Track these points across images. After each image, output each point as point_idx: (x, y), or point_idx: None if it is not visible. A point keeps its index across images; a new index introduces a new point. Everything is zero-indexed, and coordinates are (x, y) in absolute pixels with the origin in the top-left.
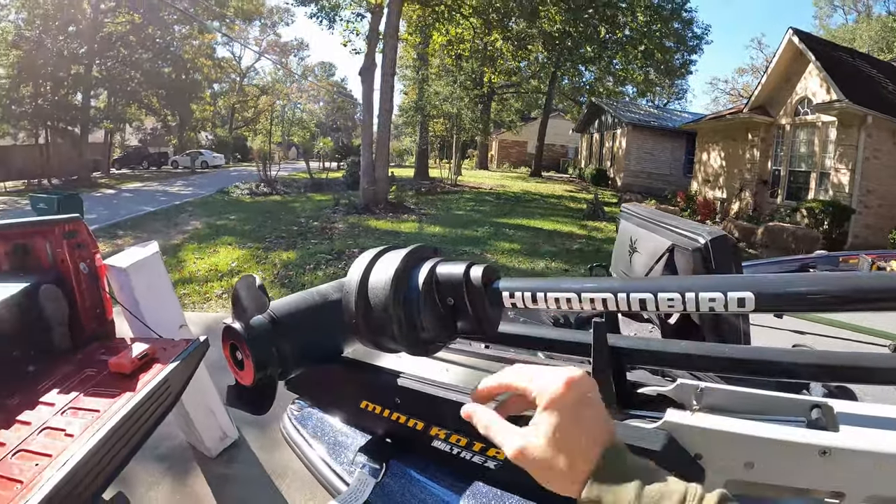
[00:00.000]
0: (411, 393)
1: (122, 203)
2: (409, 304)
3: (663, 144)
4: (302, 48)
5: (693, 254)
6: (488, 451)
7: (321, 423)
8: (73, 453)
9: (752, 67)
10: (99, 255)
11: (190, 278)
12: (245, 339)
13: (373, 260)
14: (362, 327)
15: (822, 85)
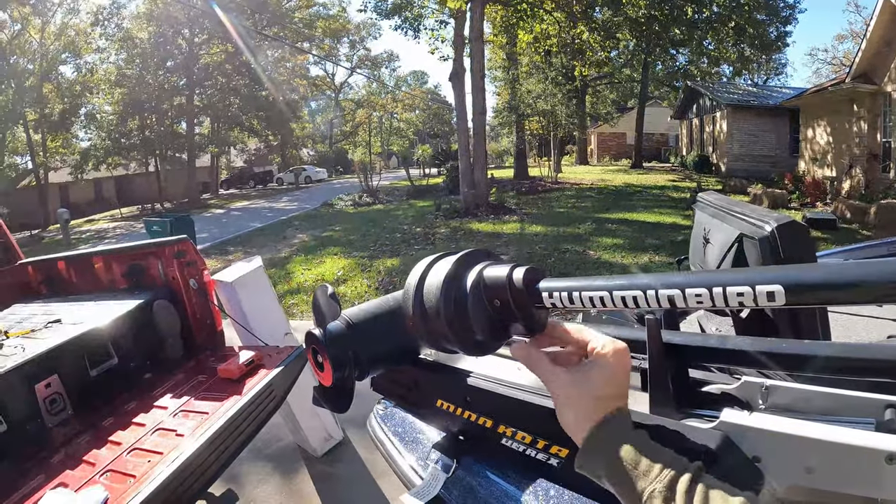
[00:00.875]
0: (480, 392)
1: (232, 221)
2: (459, 306)
3: (766, 124)
4: (392, 59)
5: (760, 242)
6: (551, 448)
7: (402, 422)
8: (183, 451)
9: (851, 33)
10: (207, 272)
11: (298, 289)
12: (323, 344)
13: (429, 265)
14: (420, 330)
15: None
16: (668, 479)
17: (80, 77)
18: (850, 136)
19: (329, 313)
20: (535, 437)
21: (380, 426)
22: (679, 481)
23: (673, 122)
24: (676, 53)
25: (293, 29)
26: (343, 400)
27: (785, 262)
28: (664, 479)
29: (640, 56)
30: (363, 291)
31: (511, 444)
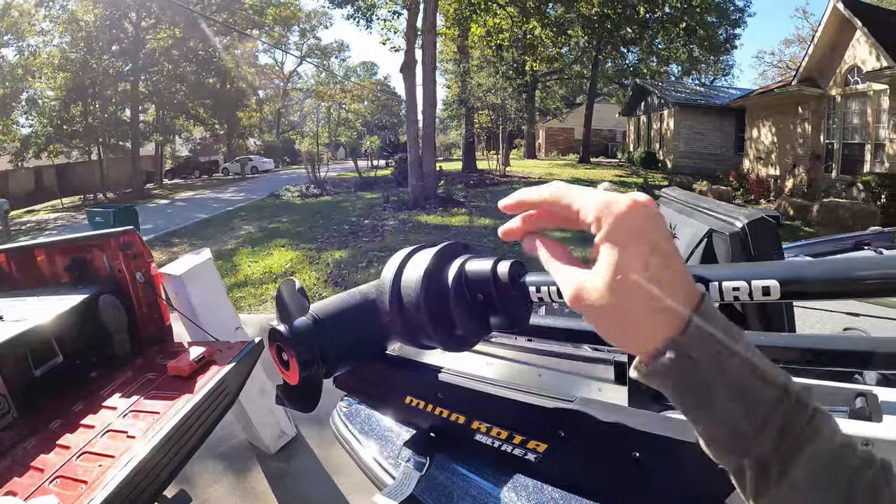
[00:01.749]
0: (452, 387)
1: (177, 212)
2: (440, 301)
3: (712, 123)
4: (342, 49)
5: (731, 238)
6: (528, 443)
7: (369, 419)
8: (135, 454)
9: (798, 38)
10: (154, 265)
11: (245, 281)
12: (289, 340)
13: (405, 259)
14: (398, 325)
15: (872, 52)
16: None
17: (21, 60)
18: (795, 137)
19: (296, 309)
20: (510, 432)
21: (344, 424)
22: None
23: (620, 119)
24: (627, 52)
25: (243, 15)
26: (309, 399)
27: (755, 257)
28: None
29: (591, 53)
30: (312, 284)
31: (486, 440)
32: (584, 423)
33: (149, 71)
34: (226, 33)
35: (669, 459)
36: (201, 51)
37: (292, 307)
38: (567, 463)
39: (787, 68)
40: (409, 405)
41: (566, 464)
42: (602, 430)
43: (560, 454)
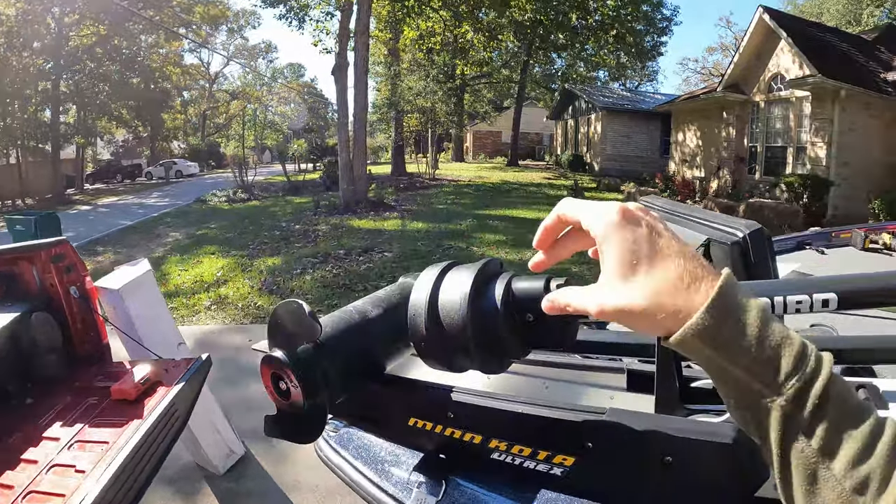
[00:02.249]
0: (466, 407)
1: (99, 219)
2: (487, 322)
3: (638, 127)
4: (270, 50)
5: (731, 248)
6: (554, 458)
7: (363, 444)
8: (88, 491)
9: (721, 46)
10: (89, 278)
11: (176, 291)
12: (292, 368)
13: (438, 278)
14: (435, 349)
15: (795, 61)
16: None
17: None
18: (719, 141)
19: (302, 333)
20: (534, 448)
21: (335, 451)
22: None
23: (548, 123)
24: (556, 57)
25: (170, 13)
26: (311, 428)
27: (754, 265)
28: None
29: (521, 58)
30: (246, 293)
31: (505, 458)
32: (615, 434)
33: (71, 70)
34: (152, 31)
35: (700, 460)
36: (126, 49)
37: (294, 331)
38: (597, 474)
39: (710, 75)
40: (414, 427)
41: (596, 475)
42: (633, 439)
43: (589, 466)
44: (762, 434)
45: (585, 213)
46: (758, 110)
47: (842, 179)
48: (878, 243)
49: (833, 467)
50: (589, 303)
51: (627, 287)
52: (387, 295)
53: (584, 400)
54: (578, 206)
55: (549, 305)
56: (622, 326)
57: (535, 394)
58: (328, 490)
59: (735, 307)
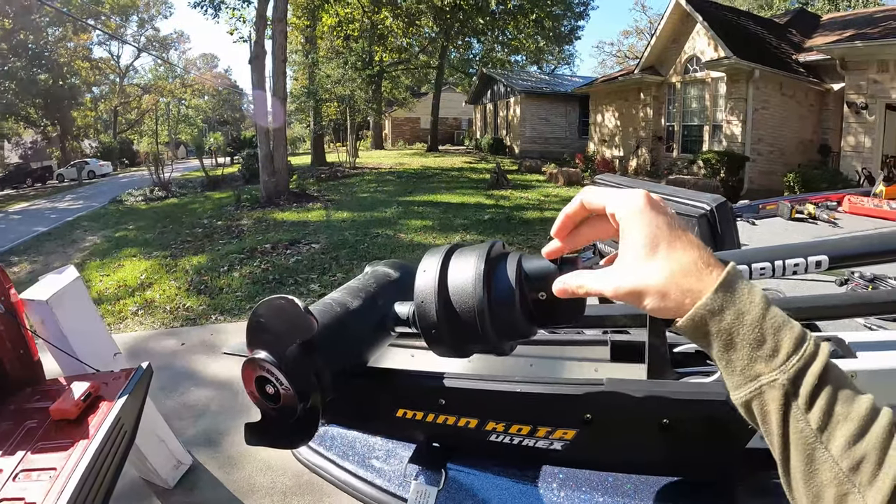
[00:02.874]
0: (460, 392)
1: (11, 226)
2: (502, 303)
3: (557, 109)
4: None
5: (699, 220)
6: (554, 433)
7: (345, 441)
8: None
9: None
10: (14, 291)
11: (99, 298)
12: (282, 369)
13: (444, 263)
14: (445, 335)
15: (710, 43)
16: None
17: None
18: (637, 121)
19: (298, 330)
20: (533, 426)
21: (317, 453)
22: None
23: (466, 107)
24: (475, 42)
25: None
26: (301, 432)
27: (721, 235)
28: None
29: (440, 43)
30: (174, 294)
31: (503, 440)
32: (615, 403)
33: None
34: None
35: (696, 419)
36: (32, 44)
37: (281, 328)
38: (598, 444)
39: (625, 57)
40: (402, 418)
41: (597, 445)
42: (633, 406)
43: (590, 437)
44: (763, 416)
45: (611, 199)
46: (674, 91)
47: (757, 155)
48: (804, 213)
49: (830, 448)
50: (604, 284)
51: (646, 267)
52: (363, 285)
53: (572, 374)
54: (603, 192)
55: (561, 289)
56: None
57: (523, 373)
58: (284, 491)
59: (741, 290)
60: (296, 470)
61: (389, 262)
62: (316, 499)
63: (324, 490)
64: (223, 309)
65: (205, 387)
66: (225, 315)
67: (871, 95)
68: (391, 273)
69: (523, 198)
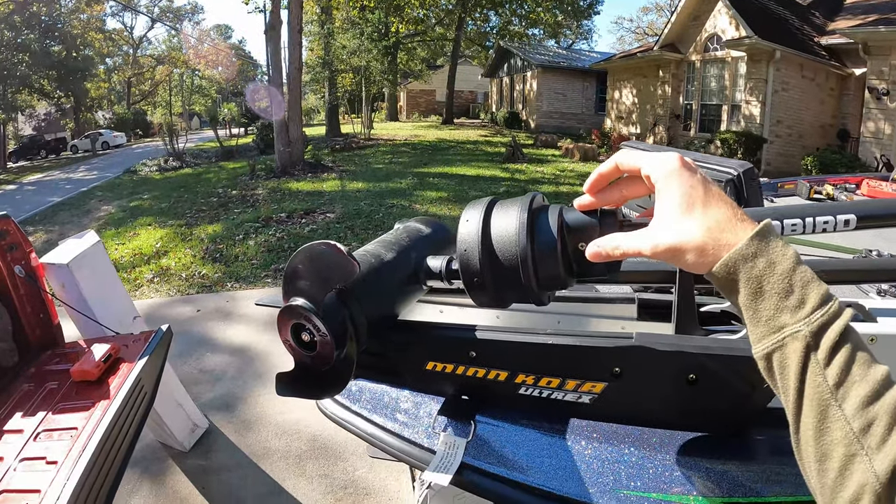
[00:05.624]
0: (492, 344)
1: (26, 197)
2: (544, 252)
3: (574, 84)
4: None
5: (726, 185)
6: (583, 386)
7: (373, 396)
8: (66, 483)
9: (656, 6)
10: (35, 255)
11: (115, 266)
12: (320, 316)
13: (486, 214)
14: (489, 283)
15: (732, 22)
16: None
17: None
18: (655, 98)
19: (339, 275)
20: (562, 379)
21: (344, 407)
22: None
23: (482, 80)
24: (493, 14)
25: None
26: (337, 380)
27: (747, 199)
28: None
29: (457, 15)
30: (189, 263)
31: (532, 392)
32: (644, 357)
33: None
34: None
35: (722, 375)
36: (45, 16)
37: (320, 275)
38: (626, 397)
39: (644, 34)
40: (432, 371)
41: (625, 398)
42: (661, 360)
43: (618, 391)
44: (783, 369)
45: (646, 160)
46: (693, 69)
47: (775, 137)
48: (822, 193)
49: (844, 406)
50: (642, 243)
51: (684, 224)
52: (396, 238)
53: (601, 330)
54: (638, 154)
55: (595, 252)
56: None
57: (553, 328)
58: (299, 455)
59: (774, 242)
60: (311, 434)
61: (421, 219)
62: (330, 462)
63: (338, 454)
64: (238, 276)
65: (221, 352)
66: (241, 282)
67: (892, 81)
68: (423, 228)
69: (538, 172)
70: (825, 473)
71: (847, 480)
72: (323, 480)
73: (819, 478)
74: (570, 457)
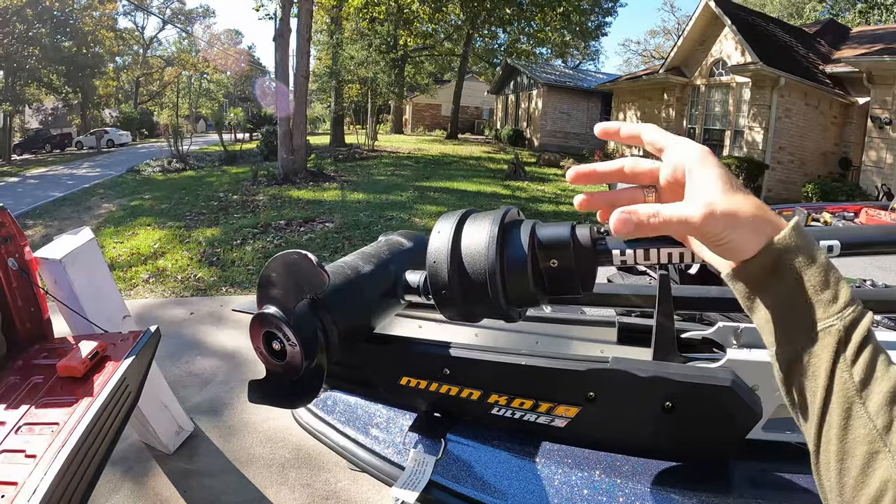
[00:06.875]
0: (466, 362)
1: (28, 191)
2: (514, 268)
3: (579, 104)
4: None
5: None
6: (556, 409)
7: (348, 408)
8: (43, 477)
9: (663, 29)
10: (29, 249)
11: (112, 264)
12: (290, 325)
13: (458, 226)
14: (457, 298)
15: (738, 48)
16: (850, 318)
17: None
18: (659, 121)
19: (309, 285)
20: (535, 401)
21: (318, 417)
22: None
23: (488, 97)
24: (502, 32)
25: None
26: (305, 391)
27: None
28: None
29: (465, 31)
30: (185, 265)
31: (505, 413)
32: (619, 381)
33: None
34: None
35: (700, 404)
36: (57, 11)
37: (292, 284)
38: (599, 423)
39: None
40: (405, 386)
41: (598, 424)
42: (637, 386)
43: (592, 415)
44: (812, 366)
45: (675, 140)
46: (698, 93)
47: (777, 163)
48: (820, 221)
49: (868, 404)
50: (690, 210)
51: (735, 197)
52: (376, 251)
53: (577, 353)
54: (663, 133)
55: (622, 219)
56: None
57: (530, 349)
58: (283, 463)
59: (809, 237)
60: (295, 443)
61: (403, 232)
62: (314, 472)
63: (321, 464)
64: (234, 281)
65: (211, 356)
66: (235, 287)
67: (895, 111)
68: (404, 242)
69: (539, 190)
70: (846, 472)
71: (869, 478)
72: (305, 490)
73: (839, 477)
74: (540, 481)
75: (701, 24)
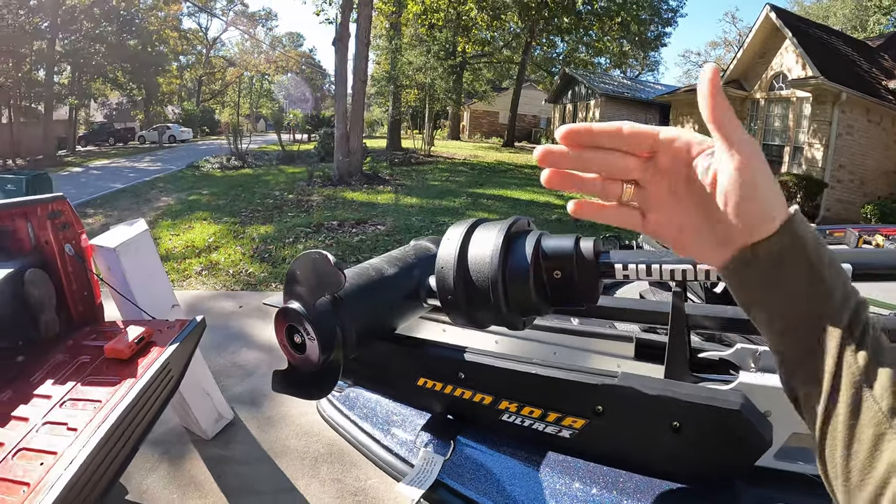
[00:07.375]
0: (480, 367)
1: (90, 181)
2: (517, 277)
3: (637, 116)
4: (270, 18)
5: None
6: (564, 420)
7: (368, 404)
8: (81, 448)
9: (724, 41)
10: (85, 236)
11: (167, 256)
12: (310, 321)
13: (467, 234)
14: (462, 304)
15: (798, 61)
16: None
17: None
18: None
19: (327, 284)
20: (544, 410)
21: (339, 410)
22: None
23: (546, 106)
24: (559, 40)
25: None
26: (323, 384)
27: None
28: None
29: (524, 39)
30: (238, 259)
31: (514, 420)
32: (627, 397)
33: (67, 29)
34: None
35: (708, 426)
36: (123, 11)
37: (314, 282)
38: (606, 437)
39: None
40: (422, 387)
41: (605, 438)
42: (645, 403)
43: (599, 429)
44: (822, 354)
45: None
46: (757, 108)
47: (836, 182)
48: (871, 244)
49: (873, 388)
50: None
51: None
52: (402, 255)
53: (593, 366)
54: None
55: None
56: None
57: (546, 358)
58: (315, 457)
59: (809, 226)
60: (329, 438)
61: (432, 238)
62: (345, 468)
63: (353, 461)
64: (284, 278)
65: (255, 349)
66: None
67: None
68: (431, 248)
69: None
70: (854, 457)
71: (876, 461)
72: (334, 485)
73: (845, 463)
74: (542, 490)
75: (761, 36)
